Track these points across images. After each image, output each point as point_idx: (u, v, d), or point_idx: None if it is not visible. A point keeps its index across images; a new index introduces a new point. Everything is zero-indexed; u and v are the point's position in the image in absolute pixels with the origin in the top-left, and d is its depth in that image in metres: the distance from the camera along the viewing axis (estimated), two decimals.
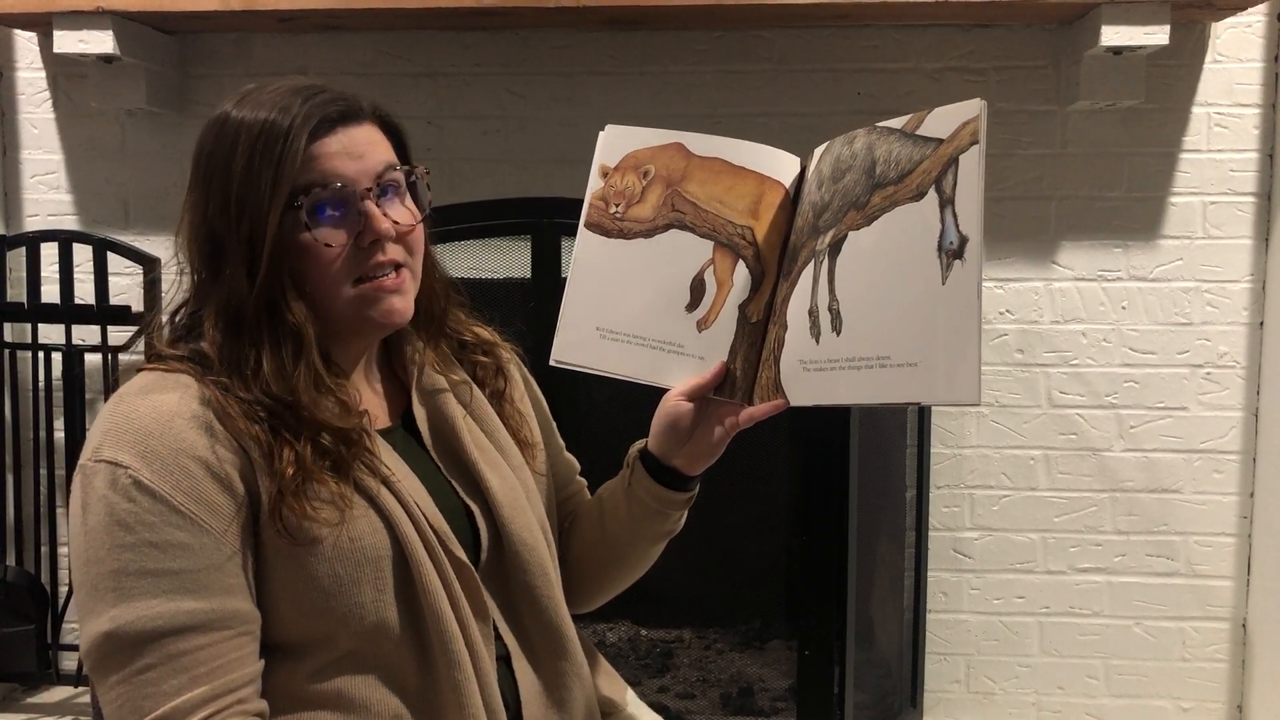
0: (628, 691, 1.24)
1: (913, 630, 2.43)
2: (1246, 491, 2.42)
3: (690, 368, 1.11)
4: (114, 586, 0.91)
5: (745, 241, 1.11)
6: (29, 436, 2.52)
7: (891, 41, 2.39)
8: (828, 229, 1.04)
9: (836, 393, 1.02)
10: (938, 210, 0.96)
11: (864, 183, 1.02)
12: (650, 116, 2.43)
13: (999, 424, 2.45)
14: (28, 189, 2.55)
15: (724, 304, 1.10)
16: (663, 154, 1.12)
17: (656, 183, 1.12)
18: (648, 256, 1.12)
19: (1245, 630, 2.45)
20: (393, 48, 2.45)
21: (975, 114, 0.95)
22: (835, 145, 1.07)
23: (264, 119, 0.97)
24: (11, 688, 2.57)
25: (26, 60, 2.52)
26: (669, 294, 1.12)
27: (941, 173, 0.96)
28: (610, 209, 1.12)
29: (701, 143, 1.13)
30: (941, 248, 0.95)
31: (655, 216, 1.12)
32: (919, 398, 0.98)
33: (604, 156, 1.14)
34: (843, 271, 1.02)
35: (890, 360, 0.98)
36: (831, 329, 1.02)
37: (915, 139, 0.99)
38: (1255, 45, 2.34)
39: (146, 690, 0.91)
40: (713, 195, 1.11)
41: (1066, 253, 2.41)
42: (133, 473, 0.92)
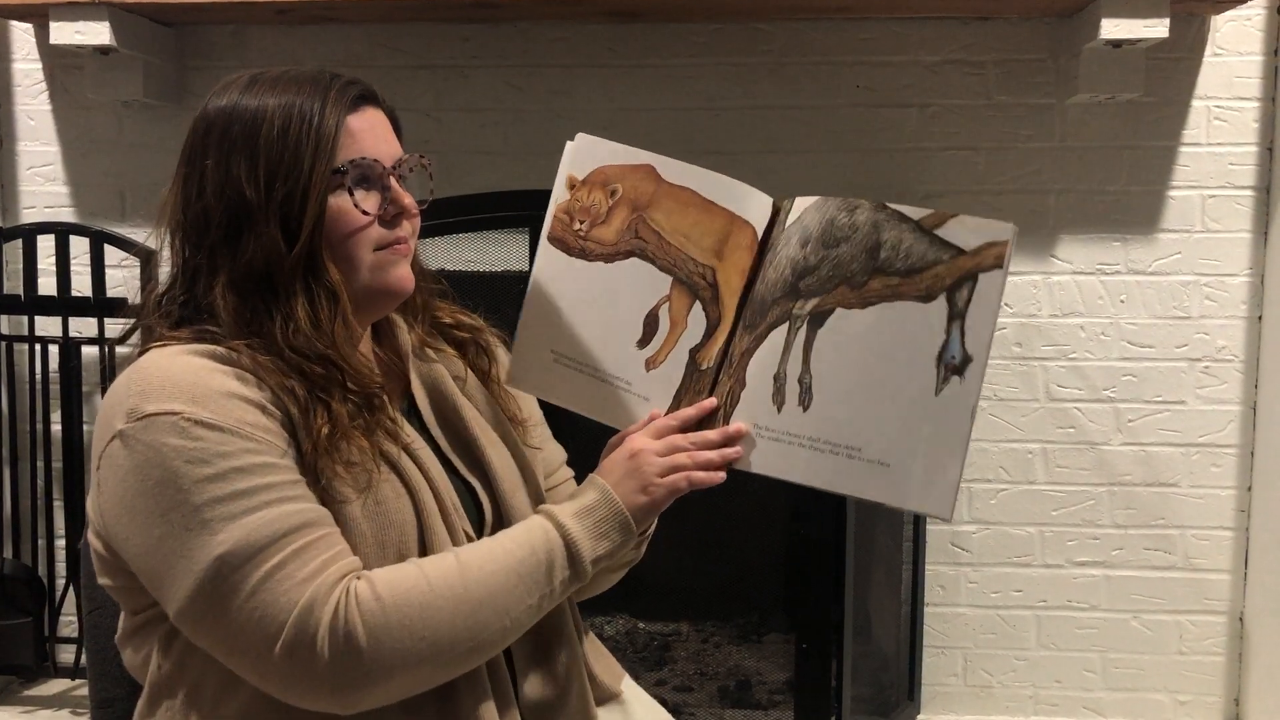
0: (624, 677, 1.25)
1: (910, 624, 2.43)
2: (1244, 485, 2.42)
3: (635, 407, 1.07)
4: (210, 518, 0.90)
5: (705, 282, 1.05)
6: (26, 429, 2.52)
7: (891, 34, 2.39)
8: (811, 295, 1.00)
9: (792, 469, 0.99)
10: (944, 320, 0.94)
11: (863, 261, 0.98)
12: (649, 109, 2.42)
13: (997, 417, 2.44)
14: (24, 181, 2.54)
15: (674, 346, 1.06)
16: (632, 175, 1.07)
17: (623, 204, 1.07)
18: (606, 282, 1.06)
19: (1242, 624, 2.45)
20: (390, 39, 2.45)
21: (1005, 239, 0.93)
22: (829, 206, 1.02)
23: (289, 95, 1.02)
24: (9, 680, 2.57)
25: (23, 52, 2.52)
26: (623, 326, 1.06)
27: (956, 284, 0.94)
28: (575, 225, 1.07)
29: (674, 169, 1.07)
30: (942, 359, 0.93)
31: (618, 241, 1.07)
32: (886, 499, 0.96)
33: (572, 167, 1.09)
34: (823, 346, 0.98)
35: (860, 454, 0.96)
36: (798, 402, 0.98)
37: (932, 238, 0.96)
38: (1255, 39, 2.34)
39: (284, 585, 0.90)
40: (678, 228, 1.06)
41: (1065, 246, 2.40)
42: (189, 415, 0.92)
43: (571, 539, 1.00)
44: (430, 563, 0.96)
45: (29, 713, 2.46)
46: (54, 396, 2.48)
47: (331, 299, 1.01)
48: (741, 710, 2.34)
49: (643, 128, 2.43)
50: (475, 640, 0.95)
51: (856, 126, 2.41)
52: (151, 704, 1.04)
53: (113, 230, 2.44)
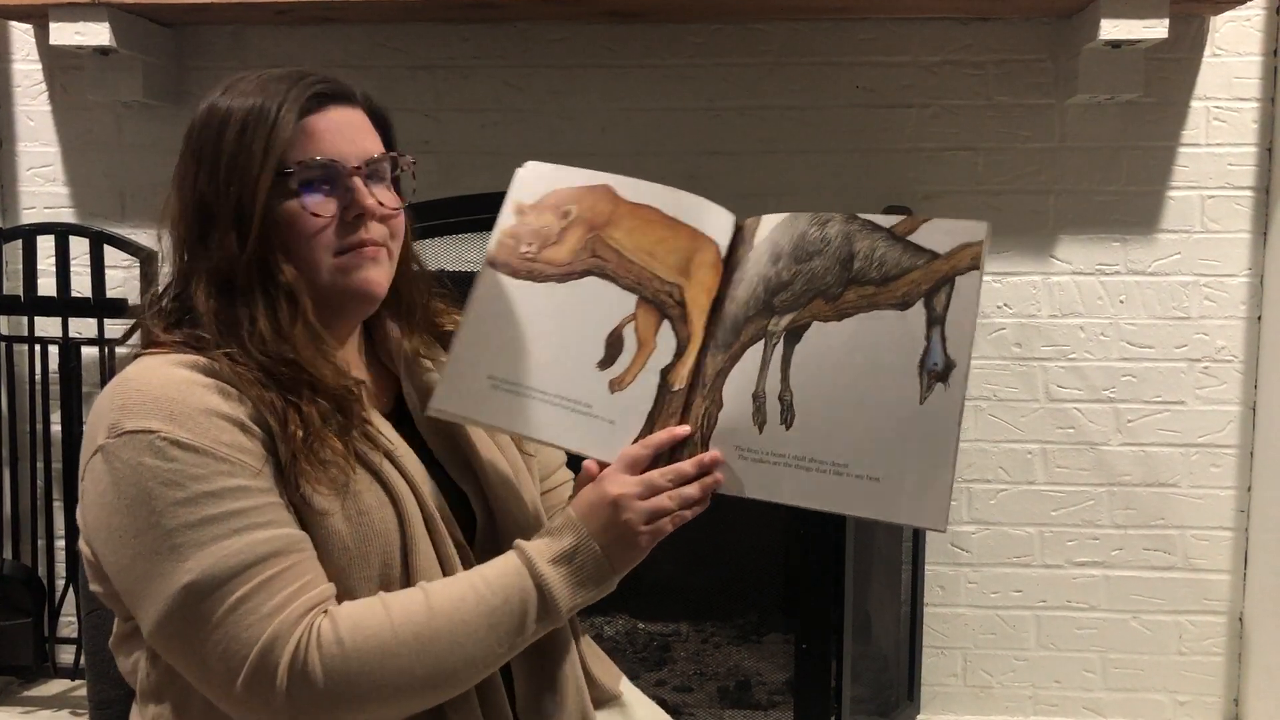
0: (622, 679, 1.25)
1: (910, 624, 2.43)
2: (1244, 485, 2.42)
3: (598, 432, 1.00)
4: (179, 543, 0.90)
5: (673, 301, 1.01)
6: (26, 429, 2.52)
7: (890, 35, 2.39)
8: (786, 310, 0.98)
9: (778, 490, 0.97)
10: (924, 326, 0.93)
11: (837, 273, 0.96)
12: (649, 109, 2.42)
13: (996, 418, 2.45)
14: (24, 181, 2.54)
15: (643, 366, 1.00)
16: (588, 196, 1.02)
17: (577, 225, 1.02)
18: (559, 302, 1.00)
19: (1242, 624, 2.45)
20: (390, 40, 2.45)
21: (979, 238, 0.93)
22: (800, 222, 0.99)
23: (256, 96, 1.02)
24: (8, 681, 2.57)
25: (22, 53, 2.52)
26: (579, 346, 1.00)
27: (934, 289, 0.93)
28: (521, 248, 1.01)
29: (632, 187, 1.02)
30: (924, 366, 0.92)
31: (572, 260, 1.01)
32: (878, 514, 0.95)
33: (521, 195, 1.03)
34: (802, 362, 0.96)
35: (848, 470, 0.94)
36: (780, 420, 0.96)
37: (906, 244, 0.94)
38: (1254, 39, 2.34)
39: (249, 619, 0.90)
40: (641, 245, 1.01)
41: (1064, 246, 2.40)
42: (166, 434, 0.92)
43: (548, 589, 0.98)
44: (398, 603, 0.95)
45: (29, 713, 2.46)
46: (54, 397, 2.48)
47: (290, 302, 1.00)
48: (741, 710, 2.34)
49: (642, 128, 2.43)
50: (438, 685, 0.95)
51: (856, 127, 2.41)
52: (141, 711, 1.04)
53: (112, 231, 2.44)
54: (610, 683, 1.21)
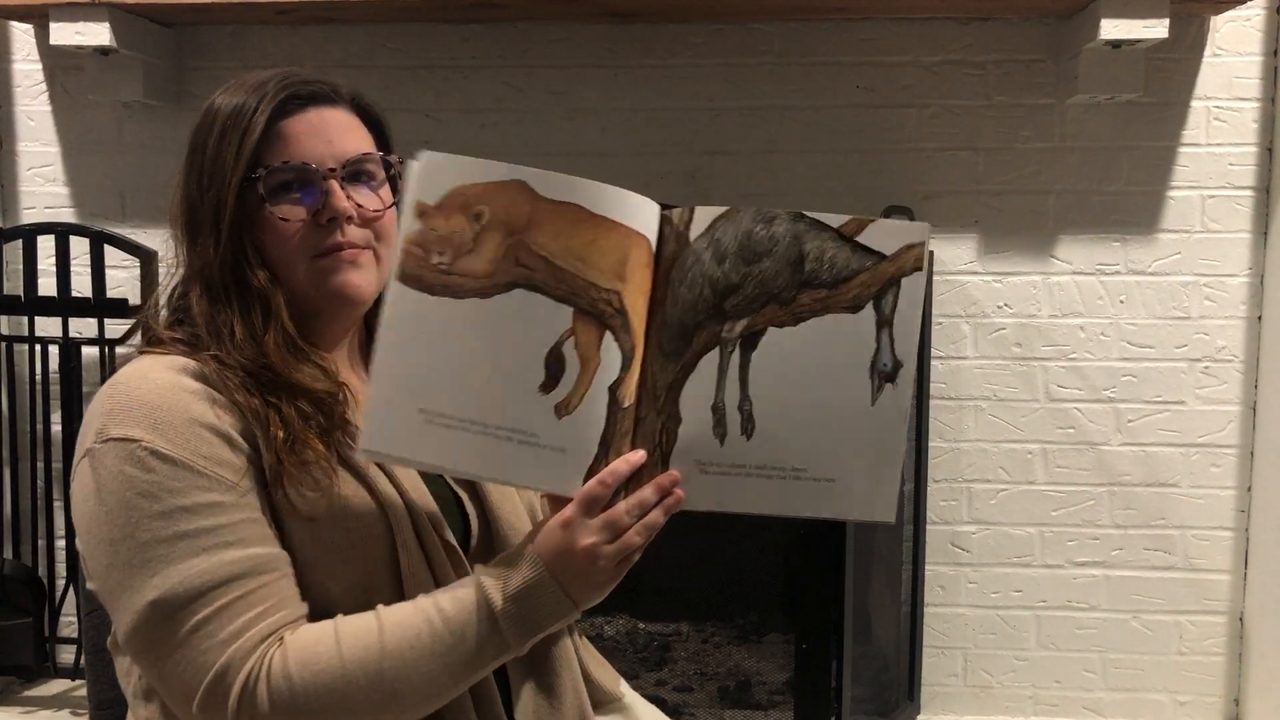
0: (620, 682, 1.25)
1: (910, 624, 2.43)
2: (1244, 485, 2.42)
3: (549, 463, 0.92)
4: (150, 557, 0.91)
5: (613, 309, 0.91)
6: (26, 429, 2.52)
7: (890, 35, 2.39)
8: (739, 316, 0.94)
9: (742, 501, 0.95)
10: (874, 329, 0.94)
11: (788, 275, 0.94)
12: (649, 110, 2.42)
13: (997, 418, 2.44)
14: (24, 181, 2.54)
15: (590, 385, 0.92)
16: (500, 193, 0.90)
17: (493, 229, 0.90)
18: (486, 321, 0.90)
19: (1242, 624, 2.45)
20: (390, 40, 2.45)
21: (920, 239, 0.94)
22: (743, 219, 0.94)
23: (239, 97, 1.02)
24: (9, 681, 2.57)
25: (23, 52, 2.52)
26: (516, 370, 0.91)
27: (882, 291, 0.94)
28: (433, 258, 0.89)
29: (551, 182, 0.91)
30: (875, 368, 0.94)
31: (494, 271, 0.90)
32: (831, 514, 0.96)
33: (421, 192, 0.90)
34: (759, 369, 0.94)
35: (805, 473, 0.95)
36: (741, 431, 0.94)
37: (854, 245, 0.94)
38: (1254, 39, 2.34)
39: (206, 644, 0.90)
40: (570, 249, 0.90)
41: (1064, 246, 2.40)
42: (147, 444, 0.92)
43: (507, 629, 0.94)
44: (350, 637, 0.93)
45: (29, 713, 2.46)
46: (54, 397, 2.49)
47: (263, 307, 1.00)
48: (741, 710, 2.35)
49: (642, 128, 2.43)
50: (388, 716, 0.93)
51: (856, 127, 2.41)
52: (134, 712, 1.04)
53: (113, 231, 2.44)
54: (610, 684, 1.21)
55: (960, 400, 2.44)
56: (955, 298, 2.42)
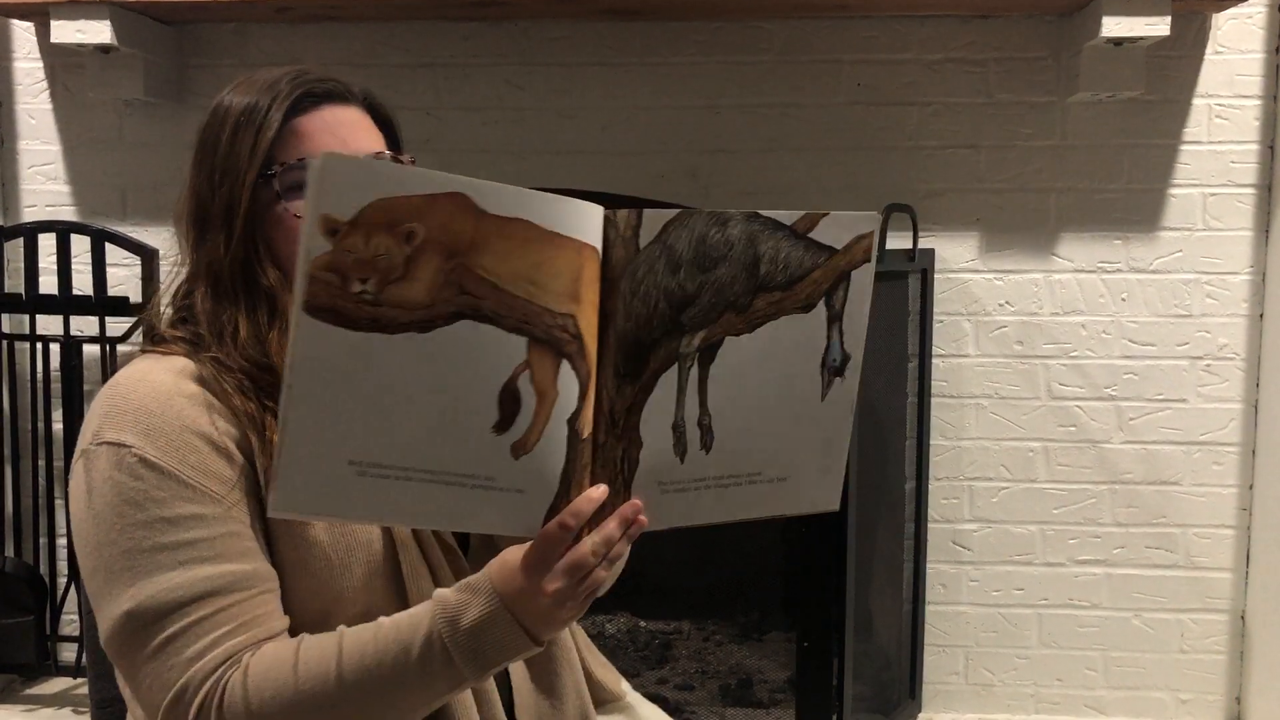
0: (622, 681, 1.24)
1: (911, 622, 2.43)
2: (1246, 483, 2.42)
3: (507, 506, 0.84)
4: (129, 566, 0.91)
5: (569, 335, 0.82)
6: (27, 427, 2.52)
7: (891, 32, 2.39)
8: (696, 328, 0.87)
9: (698, 513, 0.91)
10: (825, 325, 0.91)
11: (745, 281, 0.88)
12: (650, 108, 2.42)
13: (998, 416, 2.44)
14: (25, 179, 2.54)
15: (548, 420, 0.82)
16: (435, 208, 0.76)
17: (430, 251, 0.76)
18: (427, 358, 0.78)
19: (1244, 622, 2.45)
20: (390, 38, 2.45)
21: (870, 229, 0.91)
22: (696, 222, 0.85)
23: (252, 95, 1.01)
24: (10, 679, 2.57)
25: (24, 50, 2.52)
26: (465, 410, 0.80)
27: (833, 286, 0.91)
28: (352, 286, 0.75)
29: (494, 196, 0.78)
30: (825, 364, 0.92)
31: (434, 301, 0.77)
32: (783, 510, 0.95)
33: (328, 203, 0.74)
34: (717, 381, 0.88)
35: (760, 477, 0.92)
36: (701, 446, 0.89)
37: (808, 243, 0.89)
38: (1256, 36, 2.34)
39: (170, 661, 0.91)
40: (520, 272, 0.79)
41: (1066, 244, 2.40)
42: (137, 451, 0.92)
43: (461, 661, 0.90)
44: (306, 665, 0.91)
45: (30, 711, 2.46)
46: (55, 395, 2.49)
47: (270, 306, 1.00)
48: (743, 709, 2.35)
49: (643, 126, 2.43)
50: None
51: (857, 125, 2.41)
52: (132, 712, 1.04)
53: (114, 229, 2.44)
54: (612, 684, 1.21)
55: (961, 398, 2.44)
56: (956, 296, 2.42)
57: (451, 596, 0.91)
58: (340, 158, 0.75)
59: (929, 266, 2.36)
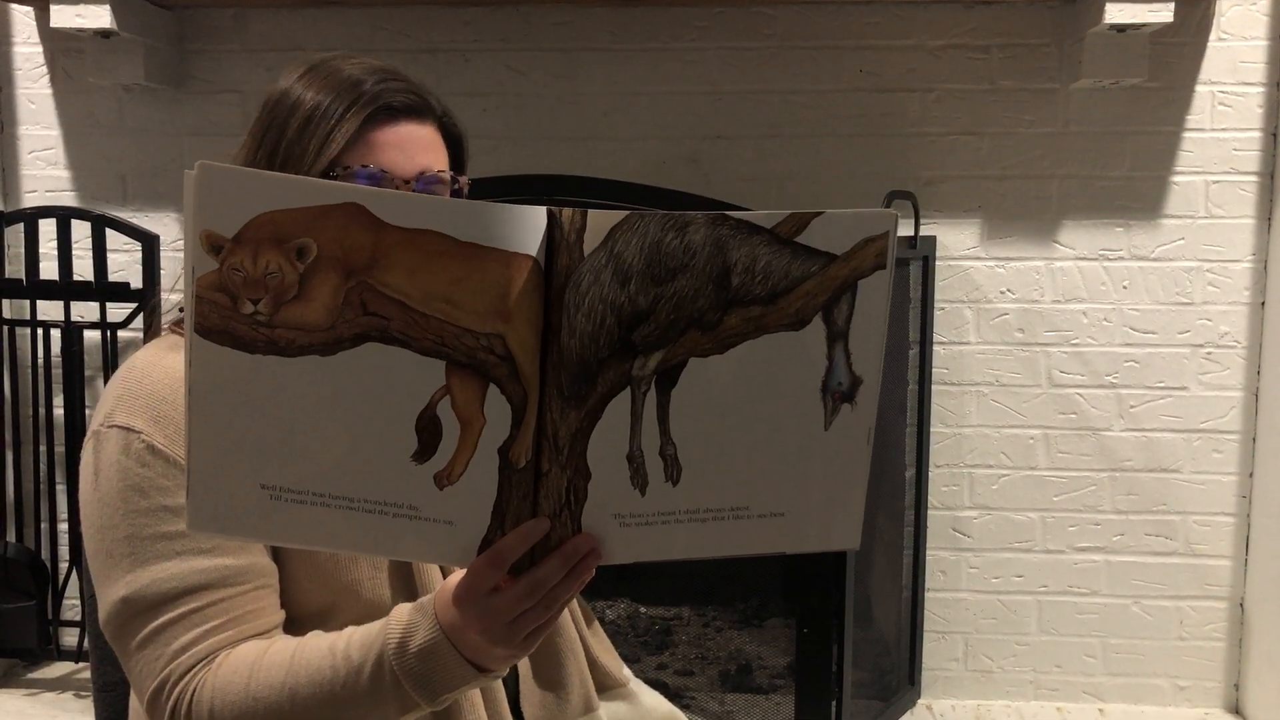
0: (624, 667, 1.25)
1: (911, 608, 2.43)
2: (1246, 471, 2.42)
3: (436, 536, 0.77)
4: (129, 552, 0.92)
5: (496, 357, 0.74)
6: (28, 413, 2.52)
7: (894, 18, 2.38)
8: (652, 349, 0.77)
9: (671, 548, 0.81)
10: (824, 344, 0.79)
11: (711, 294, 0.76)
12: (651, 93, 2.41)
13: (999, 403, 2.44)
14: (25, 165, 2.53)
15: (474, 449, 0.76)
16: (327, 221, 0.70)
17: (325, 268, 0.71)
18: (332, 383, 0.73)
19: (1243, 610, 2.46)
20: (391, 23, 2.44)
21: (884, 230, 0.77)
22: (649, 226, 0.74)
23: (329, 93, 0.99)
24: (12, 663, 2.58)
25: (24, 35, 2.51)
26: (380, 438, 0.75)
27: (833, 299, 0.78)
28: (243, 307, 0.71)
29: (395, 206, 0.71)
30: (827, 388, 0.80)
31: (334, 322, 0.72)
32: (783, 548, 0.84)
33: (208, 218, 0.69)
34: (681, 408, 0.78)
35: (748, 512, 0.82)
36: (665, 477, 0.79)
37: (795, 248, 0.77)
38: (1260, 23, 2.33)
39: (158, 652, 0.91)
40: (432, 290, 0.73)
41: (1068, 232, 2.40)
42: (145, 437, 0.93)
43: (410, 686, 0.87)
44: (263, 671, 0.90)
45: (32, 695, 2.47)
46: (56, 380, 2.49)
47: None
48: (742, 694, 2.35)
49: (645, 112, 2.42)
50: None
51: (859, 111, 2.40)
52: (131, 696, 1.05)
53: (114, 214, 2.43)
54: (615, 670, 1.21)
55: (962, 385, 2.44)
56: (958, 283, 2.41)
57: (405, 616, 0.88)
58: (217, 168, 0.69)
59: (930, 253, 2.36)
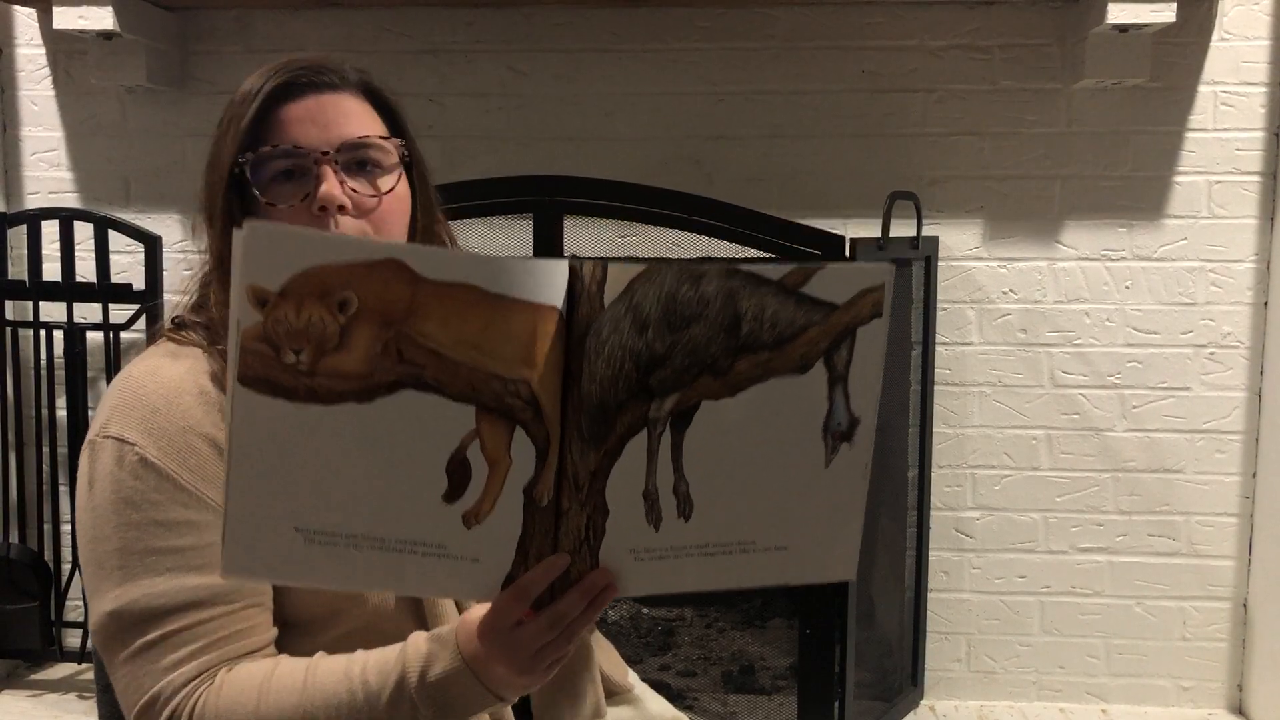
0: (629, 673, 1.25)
1: (914, 609, 2.43)
2: (1249, 472, 2.42)
3: (463, 573, 0.82)
4: (119, 565, 0.92)
5: (522, 401, 0.79)
6: (31, 414, 2.53)
7: (896, 19, 2.38)
8: (667, 392, 0.82)
9: (681, 581, 0.86)
10: (826, 387, 0.84)
11: (723, 341, 0.82)
12: (653, 94, 2.42)
13: (1001, 404, 2.44)
14: (28, 166, 2.54)
15: (501, 489, 0.80)
16: (370, 277, 0.75)
17: (366, 320, 0.75)
18: (369, 428, 0.77)
19: (1246, 610, 2.45)
20: (394, 24, 2.44)
21: (880, 282, 0.82)
22: (666, 278, 0.80)
23: (248, 84, 1.00)
24: (16, 664, 2.58)
25: (26, 37, 2.51)
26: (413, 480, 0.79)
27: (833, 345, 0.83)
28: (285, 357, 0.75)
29: (432, 261, 0.76)
30: (829, 429, 0.85)
31: (372, 371, 0.76)
32: (785, 580, 0.88)
33: (255, 274, 0.73)
34: (694, 448, 0.83)
35: (754, 546, 0.86)
36: (678, 514, 0.84)
37: (799, 298, 0.82)
38: (1263, 23, 2.33)
39: (147, 668, 0.91)
40: (464, 338, 0.77)
41: (1070, 232, 2.40)
42: (139, 450, 0.92)
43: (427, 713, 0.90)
44: (273, 695, 0.91)
45: (36, 696, 2.47)
46: (59, 382, 2.49)
47: None
48: (745, 695, 2.35)
49: (647, 113, 2.42)
50: None
51: (861, 111, 2.40)
52: None
53: (117, 216, 2.44)
54: (619, 676, 1.21)
55: (965, 386, 2.44)
56: (960, 283, 2.41)
57: (423, 645, 0.91)
58: (264, 227, 0.73)
59: (933, 254, 2.36)
